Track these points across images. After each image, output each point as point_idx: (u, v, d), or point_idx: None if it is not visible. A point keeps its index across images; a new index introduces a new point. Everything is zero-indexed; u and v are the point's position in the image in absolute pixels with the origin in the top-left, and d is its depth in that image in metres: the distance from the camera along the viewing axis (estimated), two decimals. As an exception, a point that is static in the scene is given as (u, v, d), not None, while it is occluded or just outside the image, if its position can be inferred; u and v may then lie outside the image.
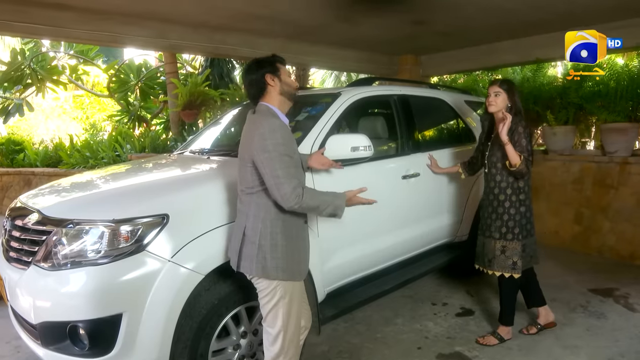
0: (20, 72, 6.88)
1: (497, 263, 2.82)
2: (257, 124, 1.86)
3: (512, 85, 2.87)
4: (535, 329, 3.04)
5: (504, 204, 2.81)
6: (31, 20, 4.26)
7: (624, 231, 4.60)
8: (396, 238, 3.21)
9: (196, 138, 3.66)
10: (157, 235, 1.94)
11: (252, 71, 1.98)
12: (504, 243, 2.80)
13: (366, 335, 3.13)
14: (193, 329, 2.03)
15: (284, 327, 1.92)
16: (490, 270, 2.88)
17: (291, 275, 1.92)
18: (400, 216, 3.26)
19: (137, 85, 8.08)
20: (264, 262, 1.87)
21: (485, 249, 2.91)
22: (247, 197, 1.92)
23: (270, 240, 1.87)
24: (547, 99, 5.49)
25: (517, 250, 2.78)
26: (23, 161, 7.56)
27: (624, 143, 4.60)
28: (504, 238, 2.80)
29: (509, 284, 2.87)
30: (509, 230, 2.80)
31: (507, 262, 2.80)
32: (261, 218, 1.88)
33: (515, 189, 2.80)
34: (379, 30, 5.36)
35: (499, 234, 2.82)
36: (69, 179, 2.82)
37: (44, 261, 1.95)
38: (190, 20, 4.97)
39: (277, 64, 2.00)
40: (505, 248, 2.80)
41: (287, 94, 2.01)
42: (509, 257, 2.80)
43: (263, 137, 1.80)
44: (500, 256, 2.81)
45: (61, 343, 1.90)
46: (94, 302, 1.82)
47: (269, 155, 1.79)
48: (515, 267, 2.79)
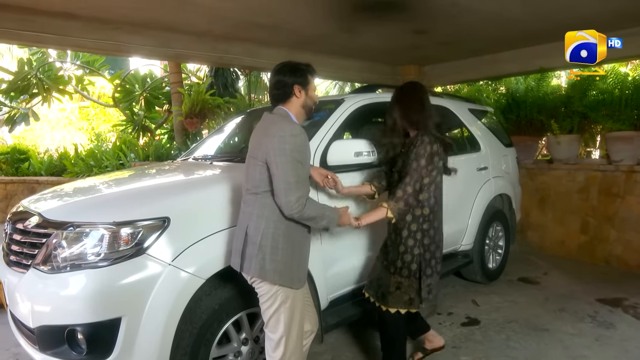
0: (26, 82, 6.94)
1: (392, 299, 2.33)
2: (278, 125, 1.84)
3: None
4: (420, 355, 2.78)
5: (401, 233, 2.30)
6: (38, 29, 4.30)
7: (631, 240, 4.54)
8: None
9: (199, 145, 3.66)
10: (158, 238, 1.92)
11: (284, 74, 1.96)
12: (399, 279, 2.32)
13: (370, 345, 3.08)
14: (193, 335, 2.00)
15: (286, 333, 1.88)
16: (383, 305, 2.37)
17: (289, 282, 1.88)
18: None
19: (142, 95, 8.14)
20: (262, 262, 1.84)
21: (381, 280, 2.43)
22: (252, 197, 1.90)
23: (272, 242, 1.84)
24: (551, 108, 5.48)
25: (413, 287, 2.31)
26: (28, 170, 7.59)
27: (629, 151, 4.56)
28: (399, 274, 2.32)
29: (400, 322, 2.40)
30: (405, 265, 2.29)
31: (403, 298, 2.33)
32: (265, 218, 1.85)
33: (416, 216, 2.27)
34: (381, 39, 5.37)
35: (394, 268, 2.33)
36: (72, 184, 2.82)
37: (43, 264, 1.93)
38: (194, 30, 5.00)
39: (309, 76, 1.99)
40: (400, 284, 2.32)
41: (307, 108, 2.01)
42: (405, 293, 2.32)
43: (283, 140, 1.78)
44: (395, 292, 2.33)
45: (59, 347, 1.87)
46: (93, 305, 1.79)
47: (285, 159, 1.77)
48: (412, 302, 2.32)
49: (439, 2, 4.02)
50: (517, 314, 3.47)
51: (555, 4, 3.97)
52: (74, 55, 8.14)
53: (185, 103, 6.02)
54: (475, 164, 3.96)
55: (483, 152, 4.08)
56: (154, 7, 4.13)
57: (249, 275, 1.89)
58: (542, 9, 4.10)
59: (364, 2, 4.06)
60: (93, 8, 4.16)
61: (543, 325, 3.27)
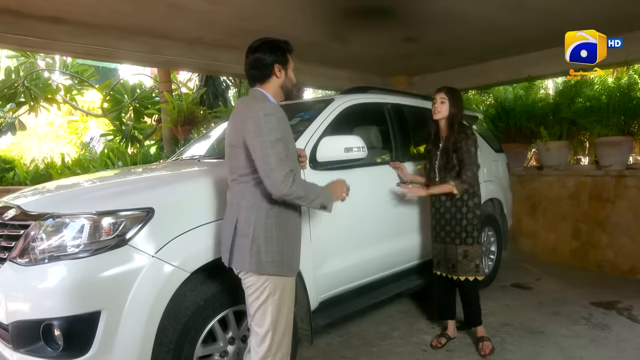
0: (13, 90, 6.85)
1: (461, 268, 2.83)
2: (251, 108, 1.75)
3: (457, 93, 2.91)
4: (444, 340, 3.00)
5: (461, 210, 2.82)
6: (25, 32, 4.24)
7: (623, 245, 4.53)
8: (390, 247, 3.12)
9: (188, 148, 3.62)
10: (141, 229, 1.85)
11: (264, 52, 1.85)
12: (465, 248, 2.82)
13: (362, 349, 2.99)
14: (177, 331, 1.91)
15: (272, 326, 1.78)
16: (454, 275, 2.87)
17: (287, 270, 1.81)
18: (394, 225, 3.18)
19: (131, 105, 8.07)
20: (258, 255, 1.74)
21: (448, 254, 2.89)
22: (239, 187, 1.81)
23: (265, 232, 1.75)
24: (540, 115, 5.53)
25: (478, 253, 2.83)
26: (13, 180, 7.43)
27: (618, 156, 4.59)
28: (465, 243, 2.82)
29: (474, 286, 2.88)
30: (469, 234, 2.82)
31: (470, 266, 2.82)
32: (256, 208, 1.76)
33: (470, 194, 2.84)
34: (372, 48, 5.40)
35: (460, 240, 2.83)
36: (54, 182, 2.74)
37: (20, 257, 1.84)
38: (184, 36, 4.99)
39: (288, 55, 1.91)
40: (467, 252, 2.82)
41: (285, 89, 1.93)
42: (471, 261, 2.82)
43: (258, 121, 1.69)
44: (462, 260, 2.82)
45: (34, 344, 1.77)
46: (71, 297, 1.70)
47: (263, 140, 1.67)
48: (478, 269, 2.83)
49: (429, 9, 4.06)
50: (512, 318, 3.41)
51: (544, 10, 4.02)
52: (62, 65, 8.07)
53: (170, 110, 5.98)
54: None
55: (474, 156, 4.06)
56: (143, 13, 4.10)
57: (243, 270, 1.79)
58: (531, 15, 4.16)
59: (355, 9, 4.08)
60: (81, 12, 4.11)
61: (538, 328, 3.21)
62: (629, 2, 3.81)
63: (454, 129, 2.83)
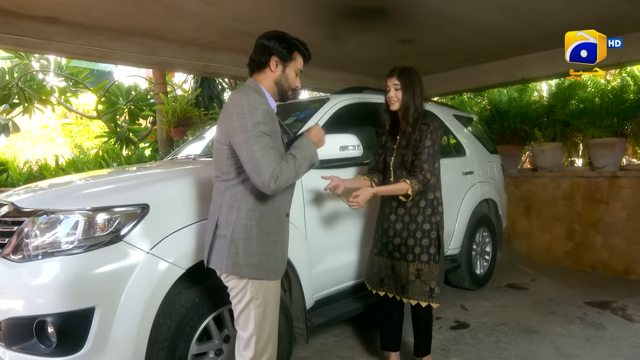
0: (7, 91, 6.80)
1: (412, 290, 2.29)
2: (236, 101, 1.66)
3: (413, 74, 2.34)
4: None
5: (416, 219, 2.31)
6: (21, 33, 4.22)
7: (617, 246, 4.56)
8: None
9: (183, 148, 3.60)
10: (136, 225, 1.84)
11: (268, 39, 1.75)
12: (418, 266, 2.28)
13: (357, 349, 2.98)
14: (172, 329, 1.89)
15: (256, 331, 1.71)
16: (404, 297, 2.34)
17: (265, 274, 1.71)
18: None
19: (126, 107, 8.04)
20: (235, 257, 1.66)
21: (397, 272, 2.36)
22: (221, 185, 1.73)
23: (244, 234, 1.67)
24: (534, 117, 5.57)
25: (434, 275, 2.28)
26: (6, 181, 7.36)
27: (611, 157, 4.63)
28: (418, 260, 2.29)
29: (429, 312, 2.42)
30: (424, 250, 2.29)
31: (423, 289, 2.27)
32: (236, 208, 1.68)
33: (429, 200, 2.31)
34: (367, 49, 5.43)
35: (413, 256, 2.30)
36: (48, 180, 2.73)
37: (13, 253, 1.82)
38: (180, 38, 4.99)
39: (295, 53, 1.79)
40: (420, 272, 2.28)
41: (280, 88, 1.80)
42: (425, 283, 2.27)
43: (242, 116, 1.60)
44: (415, 281, 2.28)
45: (27, 342, 1.75)
46: (65, 294, 1.68)
47: (247, 135, 1.58)
48: (432, 294, 2.28)
49: (424, 11, 4.08)
50: (507, 317, 3.42)
51: (538, 13, 4.06)
52: (56, 67, 8.04)
53: (165, 111, 5.97)
54: (461, 168, 3.97)
55: (468, 157, 4.09)
56: (140, 14, 4.10)
57: (220, 271, 1.74)
58: (526, 18, 4.19)
59: (350, 10, 4.10)
60: (77, 13, 4.10)
61: (533, 327, 3.22)
62: (623, 4, 3.85)
63: (415, 119, 2.29)
